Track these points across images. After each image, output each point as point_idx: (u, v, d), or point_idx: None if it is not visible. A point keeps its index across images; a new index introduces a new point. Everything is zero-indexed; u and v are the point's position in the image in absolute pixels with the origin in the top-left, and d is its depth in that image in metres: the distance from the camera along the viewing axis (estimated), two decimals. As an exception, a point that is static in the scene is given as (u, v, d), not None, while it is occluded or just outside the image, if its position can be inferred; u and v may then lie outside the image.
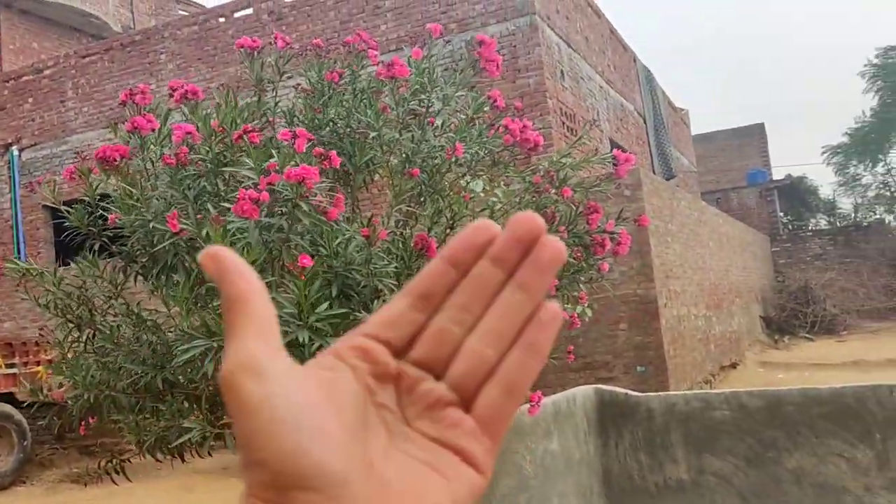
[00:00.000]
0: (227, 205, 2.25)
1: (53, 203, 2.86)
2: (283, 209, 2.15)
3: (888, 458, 3.98)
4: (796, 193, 30.13)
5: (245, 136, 2.21)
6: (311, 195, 2.11)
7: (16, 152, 14.49)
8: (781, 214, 28.78)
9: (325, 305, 2.01)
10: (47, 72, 14.45)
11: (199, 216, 2.23)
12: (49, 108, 14.34)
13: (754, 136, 31.66)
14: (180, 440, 2.11)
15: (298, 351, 1.97)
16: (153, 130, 2.46)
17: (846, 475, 4.06)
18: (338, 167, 2.35)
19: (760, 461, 4.23)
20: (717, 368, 12.15)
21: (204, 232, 2.17)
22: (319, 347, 1.95)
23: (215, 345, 1.90)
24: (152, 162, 2.52)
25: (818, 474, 4.11)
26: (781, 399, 4.23)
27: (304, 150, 2.19)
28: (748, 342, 15.73)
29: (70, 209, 2.69)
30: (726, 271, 14.89)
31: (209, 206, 2.29)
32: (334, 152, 2.27)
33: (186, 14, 17.00)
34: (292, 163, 2.13)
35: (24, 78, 14.68)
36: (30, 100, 14.55)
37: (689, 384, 9.85)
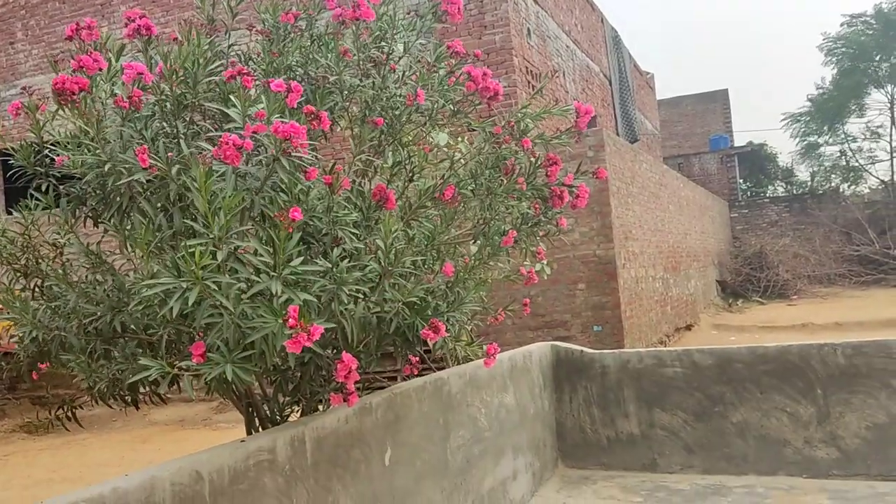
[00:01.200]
0: (203, 146, 2.19)
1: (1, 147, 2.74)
2: (263, 160, 2.11)
3: (829, 412, 4.14)
4: (756, 160, 30.62)
5: (237, 78, 2.15)
6: (295, 152, 2.07)
7: (-38, 95, 13.90)
8: (741, 181, 29.27)
9: (300, 260, 1.99)
10: (-5, 11, 13.82)
11: (169, 155, 2.17)
12: (-3, 49, 13.75)
13: (718, 101, 31.94)
14: (136, 377, 2.09)
15: (268, 301, 1.95)
16: (101, 70, 2.36)
17: (787, 428, 4.21)
18: (326, 129, 2.31)
19: (707, 415, 4.36)
20: (673, 330, 12.43)
21: (175, 171, 2.12)
22: (288, 300, 1.93)
23: (184, 285, 1.87)
24: (102, 102, 2.43)
25: (761, 427, 4.26)
26: (731, 356, 4.36)
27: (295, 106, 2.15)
28: (703, 305, 16.11)
29: (15, 147, 2.59)
30: (685, 235, 15.15)
31: (182, 145, 2.23)
32: (325, 113, 2.22)
33: (144, -44, 16.29)
34: (280, 115, 2.09)
35: (-29, 17, 14.03)
36: (-23, 40, 13.92)
37: (645, 344, 10.07)
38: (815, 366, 4.15)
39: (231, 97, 2.24)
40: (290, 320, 1.88)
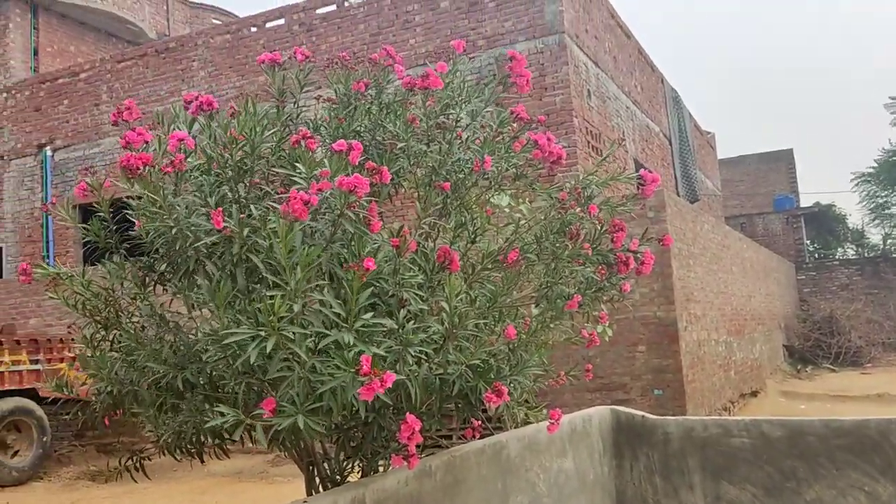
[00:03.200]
0: (273, 205, 2.30)
1: (71, 221, 2.91)
2: (327, 216, 2.19)
3: (910, 492, 3.90)
4: (824, 221, 29.76)
5: (302, 142, 2.26)
6: (360, 206, 2.15)
7: (49, 153, 14.78)
8: (808, 242, 28.45)
9: (371, 314, 2.06)
10: (83, 75, 14.76)
11: (241, 216, 2.27)
12: (83, 110, 14.63)
13: (782, 161, 31.38)
14: (211, 424, 2.15)
15: (339, 353, 2.00)
16: (146, 143, 2.51)
17: (866, 508, 3.98)
18: (388, 182, 2.39)
19: (779, 491, 4.17)
20: (737, 396, 11.99)
21: (245, 231, 2.22)
22: (361, 352, 1.97)
23: (262, 334, 1.95)
24: (157, 171, 2.57)
25: (837, 506, 4.04)
26: (803, 429, 4.17)
27: (357, 163, 2.24)
28: (770, 370, 15.53)
29: (87, 226, 2.77)
30: (749, 297, 14.74)
31: (252, 208, 2.34)
32: (385, 168, 2.31)
33: (220, 23, 17.28)
34: (344, 173, 2.18)
35: (60, 80, 15.00)
36: (65, 102, 14.86)
37: (708, 410, 9.74)
38: (894, 441, 3.94)
39: (297, 161, 2.34)
40: (364, 367, 1.92)
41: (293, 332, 2.00)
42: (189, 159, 2.57)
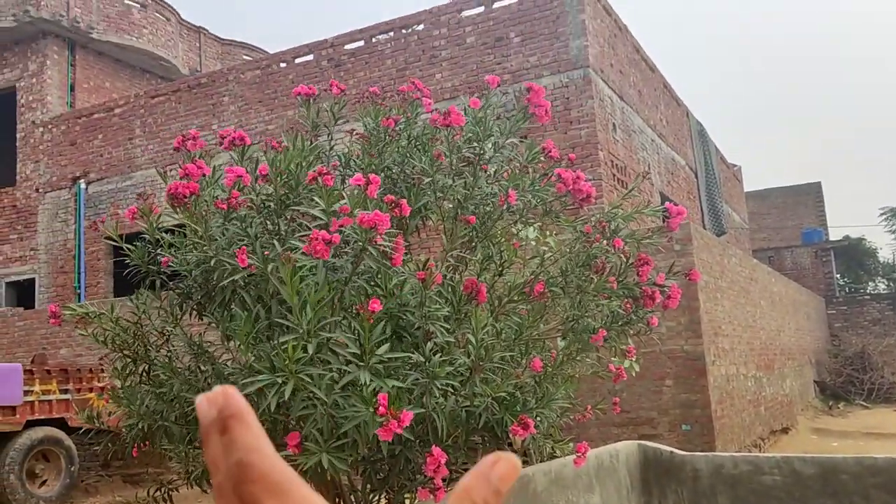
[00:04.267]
0: (295, 243, 2.33)
1: (116, 241, 2.98)
2: (350, 251, 2.22)
3: (949, 534, 3.79)
4: (854, 255, 29.30)
5: (319, 178, 2.31)
6: (385, 243, 2.18)
7: (83, 186, 15.14)
8: (838, 276, 27.98)
9: (386, 347, 2.07)
10: (118, 110, 15.15)
11: (265, 253, 2.32)
12: (117, 144, 14.99)
13: (810, 194, 31.04)
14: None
15: (358, 390, 2.01)
16: (204, 175, 2.56)
17: (903, 550, 3.87)
18: (407, 215, 2.42)
19: (811, 530, 4.06)
20: (768, 432, 11.75)
21: (270, 268, 2.26)
22: (377, 388, 1.99)
23: (279, 380, 1.97)
24: (206, 203, 2.62)
25: (873, 547, 3.93)
26: (836, 466, 4.08)
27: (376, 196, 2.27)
28: (801, 407, 15.20)
29: (130, 247, 2.83)
30: (778, 332, 14.50)
31: (276, 243, 2.38)
32: (404, 201, 2.35)
33: (250, 59, 17.70)
34: (362, 207, 2.21)
35: (96, 115, 15.42)
36: (99, 136, 15.25)
37: (738, 447, 9.54)
38: (930, 480, 3.84)
39: (315, 196, 2.38)
40: (381, 408, 1.93)
41: (311, 374, 2.02)
42: (218, 193, 2.63)
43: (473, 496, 0.47)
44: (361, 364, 2.01)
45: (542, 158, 2.89)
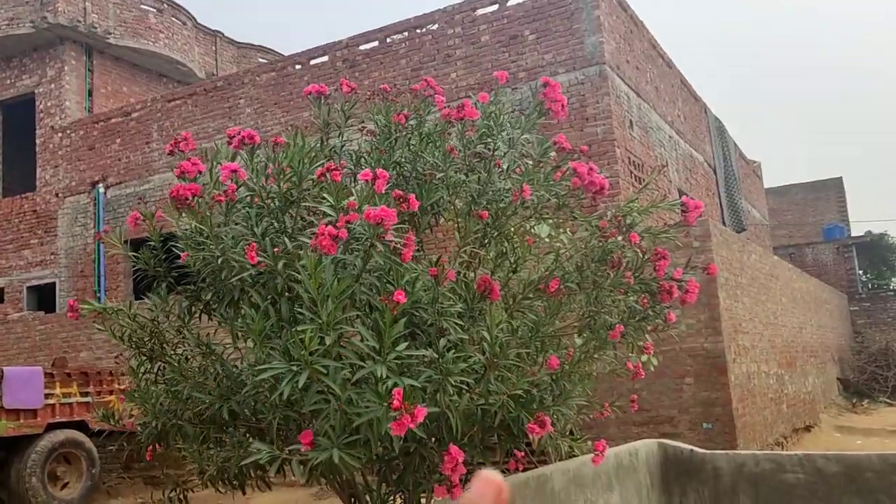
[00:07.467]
0: (303, 240, 2.32)
1: (120, 249, 2.99)
2: (358, 247, 2.20)
3: (979, 533, 3.70)
4: (877, 251, 28.88)
5: (327, 174, 2.29)
6: (396, 239, 2.16)
7: (101, 190, 15.28)
8: (860, 272, 27.60)
9: (405, 345, 2.05)
10: (135, 114, 15.28)
11: (275, 249, 2.30)
12: (135, 148, 15.12)
13: (831, 190, 30.65)
14: (248, 460, 2.15)
15: (374, 386, 1.99)
16: (199, 173, 2.56)
17: (932, 549, 3.78)
18: (415, 210, 2.40)
19: (836, 529, 3.99)
20: (790, 430, 11.59)
21: (280, 264, 2.24)
22: (394, 385, 1.96)
23: (294, 368, 1.95)
24: (209, 203, 2.62)
25: (900, 546, 3.84)
26: (860, 464, 4.00)
27: (384, 192, 2.25)
28: (824, 404, 14.99)
29: (137, 255, 2.83)
30: (800, 329, 14.31)
31: (286, 240, 2.36)
32: (412, 196, 2.32)
33: (266, 62, 17.76)
34: (370, 203, 2.19)
35: (113, 120, 15.56)
36: (118, 140, 15.38)
37: (759, 445, 9.42)
38: (959, 478, 3.75)
39: (324, 193, 2.37)
40: (395, 402, 1.90)
41: (327, 366, 2.00)
42: (238, 191, 2.62)
43: None
44: (379, 359, 1.99)
45: (553, 153, 2.85)
